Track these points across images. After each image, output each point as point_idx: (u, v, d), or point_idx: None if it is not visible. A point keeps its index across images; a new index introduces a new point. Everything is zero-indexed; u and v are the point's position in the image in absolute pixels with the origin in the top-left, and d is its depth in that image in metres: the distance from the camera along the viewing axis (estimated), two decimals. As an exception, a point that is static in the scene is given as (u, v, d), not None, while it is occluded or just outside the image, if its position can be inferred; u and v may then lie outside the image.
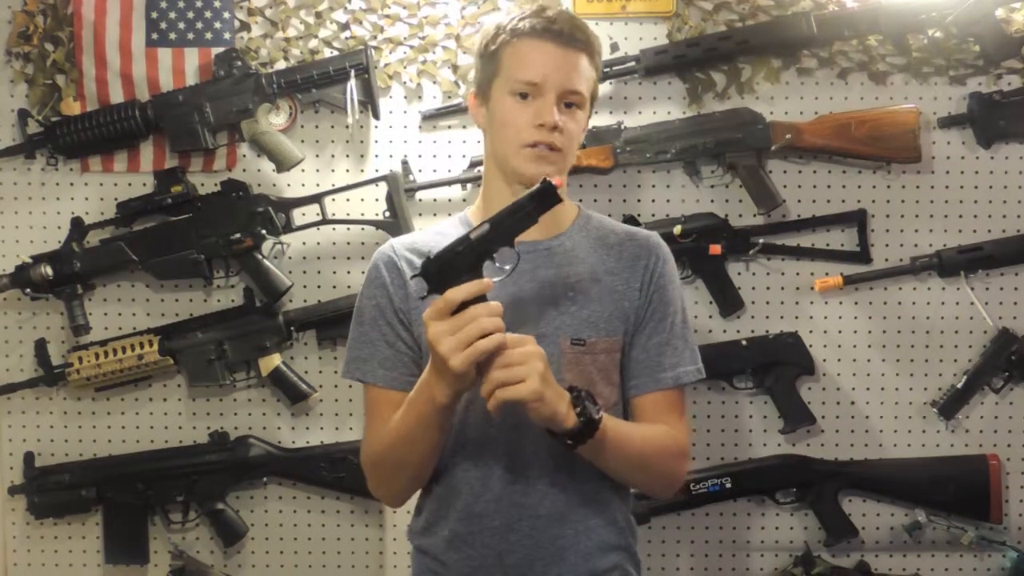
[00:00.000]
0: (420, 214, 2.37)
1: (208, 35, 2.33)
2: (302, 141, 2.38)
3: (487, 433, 1.56)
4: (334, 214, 2.35)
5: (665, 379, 1.62)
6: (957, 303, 2.39)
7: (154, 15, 2.33)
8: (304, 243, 2.40)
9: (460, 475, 1.59)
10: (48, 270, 2.31)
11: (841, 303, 2.40)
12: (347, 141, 2.39)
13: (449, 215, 2.28)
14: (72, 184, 2.40)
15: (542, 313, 1.56)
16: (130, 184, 2.39)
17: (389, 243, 1.67)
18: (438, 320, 1.38)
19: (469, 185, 2.35)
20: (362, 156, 2.39)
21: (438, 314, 1.38)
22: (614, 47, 2.34)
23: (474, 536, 1.58)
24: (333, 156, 2.39)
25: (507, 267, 1.45)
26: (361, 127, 2.38)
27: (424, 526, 1.64)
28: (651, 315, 1.62)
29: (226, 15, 2.33)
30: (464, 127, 2.37)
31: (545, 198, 1.42)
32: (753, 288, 2.40)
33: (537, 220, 1.44)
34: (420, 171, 2.37)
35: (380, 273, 1.63)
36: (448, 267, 1.41)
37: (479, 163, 2.30)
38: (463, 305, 1.38)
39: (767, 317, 2.40)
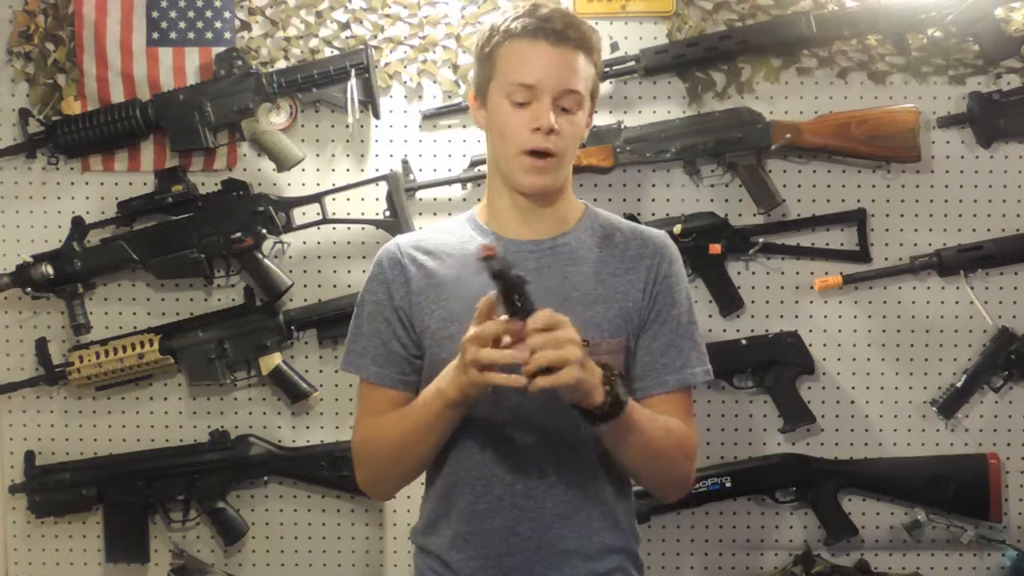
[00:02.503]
0: (420, 213, 2.37)
1: (209, 34, 2.34)
2: (302, 140, 2.38)
3: (490, 433, 1.56)
4: (334, 213, 2.35)
5: (670, 381, 1.60)
6: (957, 302, 2.40)
7: (155, 14, 2.33)
8: (304, 242, 2.40)
9: (463, 475, 1.59)
10: (49, 269, 2.31)
11: (841, 302, 2.41)
12: (347, 140, 2.39)
13: (449, 214, 2.30)
14: (73, 183, 2.40)
15: (545, 312, 1.55)
16: (131, 183, 2.39)
17: (395, 240, 1.67)
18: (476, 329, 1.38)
19: (469, 184, 2.36)
20: (362, 155, 2.40)
21: (479, 326, 1.38)
22: (614, 47, 2.34)
23: (475, 536, 1.57)
24: (333, 155, 2.39)
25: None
26: (361, 126, 2.38)
27: (427, 526, 1.64)
28: (655, 316, 1.60)
29: (227, 14, 2.34)
30: (464, 127, 2.38)
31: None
32: (753, 287, 2.41)
33: None
34: (420, 170, 2.37)
35: (383, 270, 1.63)
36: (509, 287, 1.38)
37: (479, 162, 2.30)
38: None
39: (767, 316, 2.40)
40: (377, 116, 2.33)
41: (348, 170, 2.39)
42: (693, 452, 1.62)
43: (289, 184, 2.39)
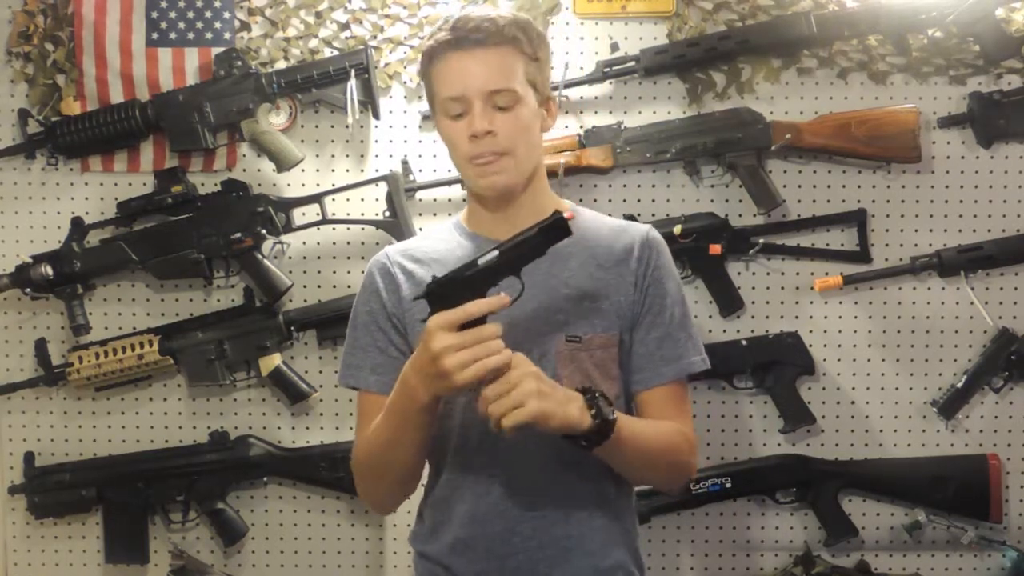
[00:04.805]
0: (420, 214, 2.37)
1: (208, 35, 2.33)
2: (302, 141, 2.38)
3: (488, 436, 1.55)
4: (334, 214, 2.35)
5: (667, 372, 1.61)
6: (957, 303, 2.39)
7: (154, 15, 2.33)
8: (304, 243, 2.40)
9: (462, 479, 1.59)
10: (48, 270, 2.31)
11: (841, 303, 2.40)
12: (347, 141, 2.39)
13: (449, 215, 2.30)
14: (72, 184, 2.40)
15: (535, 312, 1.56)
16: (130, 184, 2.39)
17: (384, 250, 1.69)
18: (445, 332, 1.37)
19: (469, 185, 2.36)
20: (362, 156, 2.39)
21: (447, 325, 1.38)
22: (614, 47, 2.34)
23: (477, 540, 1.57)
24: (333, 156, 2.39)
25: (511, 297, 1.43)
26: (361, 127, 2.38)
27: (427, 532, 1.64)
28: (648, 309, 1.61)
29: (226, 15, 2.33)
30: (464, 127, 2.37)
31: (555, 232, 1.43)
32: (753, 288, 2.40)
33: (546, 252, 1.44)
34: (420, 171, 2.37)
35: (374, 279, 1.64)
36: (454, 292, 1.40)
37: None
38: (469, 323, 1.38)
39: (767, 317, 2.40)
40: (377, 116, 2.33)
41: (348, 170, 2.39)
42: (691, 445, 1.62)
43: (289, 184, 2.38)
